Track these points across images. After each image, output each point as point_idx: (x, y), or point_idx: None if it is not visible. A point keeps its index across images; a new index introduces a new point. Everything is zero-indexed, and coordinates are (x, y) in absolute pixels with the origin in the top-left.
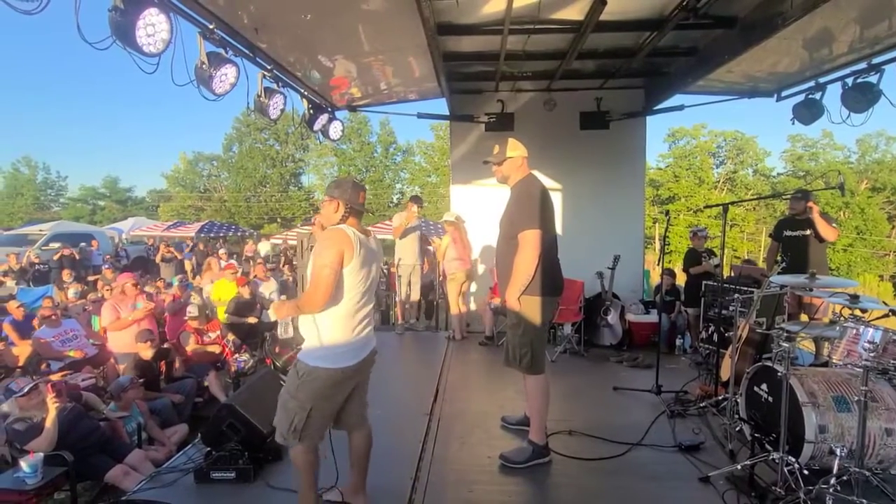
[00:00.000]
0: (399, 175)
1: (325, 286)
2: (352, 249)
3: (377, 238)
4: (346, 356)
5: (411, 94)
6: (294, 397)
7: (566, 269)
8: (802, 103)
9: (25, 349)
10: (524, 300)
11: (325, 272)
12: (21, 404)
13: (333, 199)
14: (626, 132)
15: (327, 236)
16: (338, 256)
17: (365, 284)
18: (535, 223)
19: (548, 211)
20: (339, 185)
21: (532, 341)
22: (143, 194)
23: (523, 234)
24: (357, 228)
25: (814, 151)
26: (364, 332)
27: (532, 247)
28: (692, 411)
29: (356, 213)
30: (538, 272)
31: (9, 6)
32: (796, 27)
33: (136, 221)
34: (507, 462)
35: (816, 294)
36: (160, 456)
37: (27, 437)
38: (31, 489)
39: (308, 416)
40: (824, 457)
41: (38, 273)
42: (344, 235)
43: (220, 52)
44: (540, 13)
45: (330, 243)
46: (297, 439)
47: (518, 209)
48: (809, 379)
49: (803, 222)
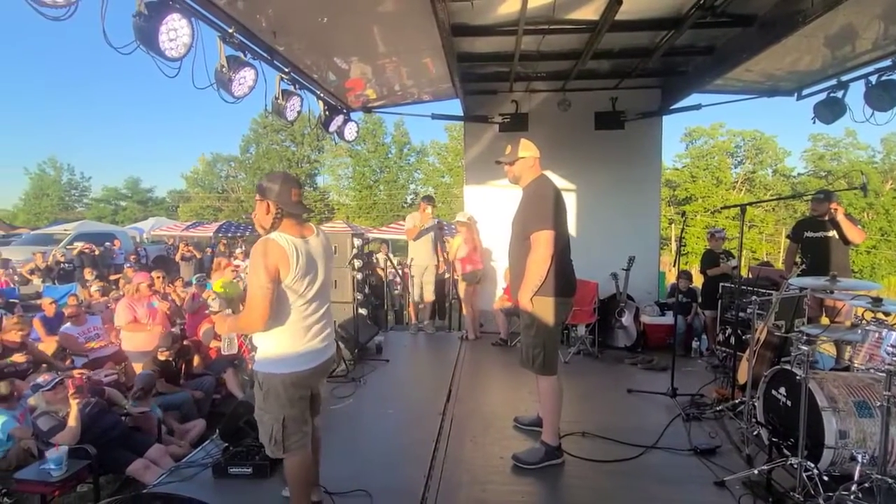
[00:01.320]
0: (413, 176)
1: (261, 310)
2: (287, 262)
3: (324, 234)
4: (300, 361)
5: (425, 95)
6: (266, 411)
7: (580, 270)
8: (824, 102)
9: (51, 345)
10: (537, 301)
11: (258, 295)
12: (47, 398)
13: (263, 200)
14: (641, 132)
15: (258, 251)
16: (271, 274)
17: (312, 291)
18: (548, 224)
19: (561, 212)
20: (269, 180)
21: (545, 342)
22: (163, 195)
23: (536, 234)
24: (293, 231)
25: (836, 151)
26: (319, 336)
27: (545, 247)
28: (708, 415)
29: (291, 215)
30: (551, 273)
31: (38, 13)
32: (818, 24)
33: (157, 221)
34: (520, 463)
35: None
36: (180, 450)
37: (52, 430)
38: (56, 481)
39: (284, 426)
40: (845, 463)
41: (63, 271)
42: (276, 248)
43: (239, 55)
44: (555, 13)
45: (259, 259)
46: (283, 450)
47: (531, 210)
48: (829, 383)
49: (825, 223)
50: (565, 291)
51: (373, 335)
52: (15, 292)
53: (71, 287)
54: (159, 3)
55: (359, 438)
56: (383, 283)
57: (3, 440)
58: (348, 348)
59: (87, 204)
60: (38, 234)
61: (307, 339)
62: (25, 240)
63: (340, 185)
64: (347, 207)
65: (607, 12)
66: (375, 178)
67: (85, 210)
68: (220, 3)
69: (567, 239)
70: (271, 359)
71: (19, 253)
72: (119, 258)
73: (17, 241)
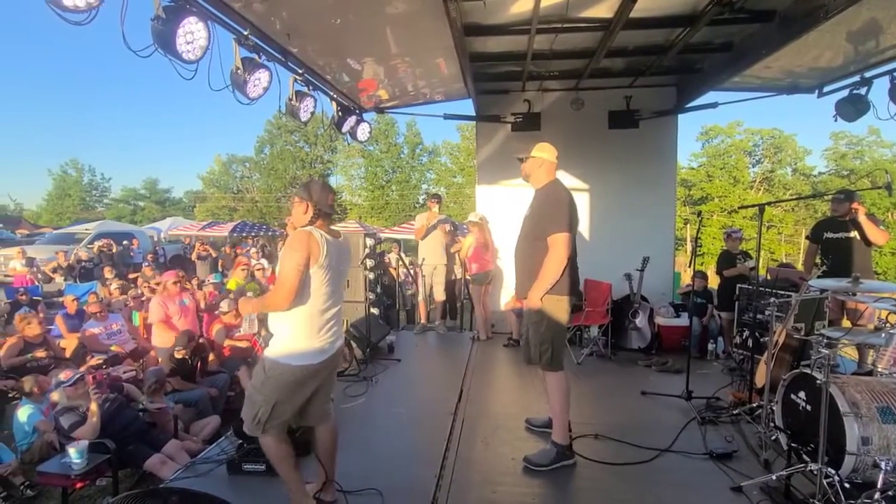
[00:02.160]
0: (425, 176)
1: (290, 286)
2: (318, 251)
3: (347, 240)
4: (310, 355)
5: (438, 95)
6: (259, 392)
7: (594, 270)
8: (846, 99)
9: (73, 342)
10: (548, 299)
11: (291, 273)
12: (68, 394)
13: (303, 201)
14: (656, 131)
15: (296, 238)
16: (304, 258)
17: (332, 285)
18: (565, 227)
19: (575, 217)
20: (308, 187)
21: (553, 338)
22: (180, 195)
23: (555, 236)
24: (325, 230)
25: (859, 149)
26: (330, 332)
27: (563, 249)
28: (724, 418)
29: (324, 216)
30: (565, 273)
31: (60, 18)
32: (840, 19)
33: (174, 221)
34: (531, 465)
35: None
36: (195, 446)
37: (74, 425)
38: (77, 474)
39: (272, 410)
40: (867, 470)
41: (83, 269)
42: (311, 237)
43: (254, 57)
44: (568, 12)
45: (298, 245)
46: (262, 431)
47: (549, 212)
48: (852, 388)
49: (847, 224)
50: (574, 291)
51: (384, 335)
52: (38, 290)
53: (91, 285)
54: (177, 6)
55: (370, 437)
56: (395, 283)
57: (29, 433)
58: (360, 347)
59: (108, 204)
60: (60, 234)
61: (321, 334)
62: (48, 239)
63: (353, 186)
64: (360, 207)
65: (622, 10)
66: (388, 179)
67: (105, 210)
68: (236, 6)
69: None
70: (285, 349)
71: (43, 252)
72: (137, 257)
73: (41, 240)
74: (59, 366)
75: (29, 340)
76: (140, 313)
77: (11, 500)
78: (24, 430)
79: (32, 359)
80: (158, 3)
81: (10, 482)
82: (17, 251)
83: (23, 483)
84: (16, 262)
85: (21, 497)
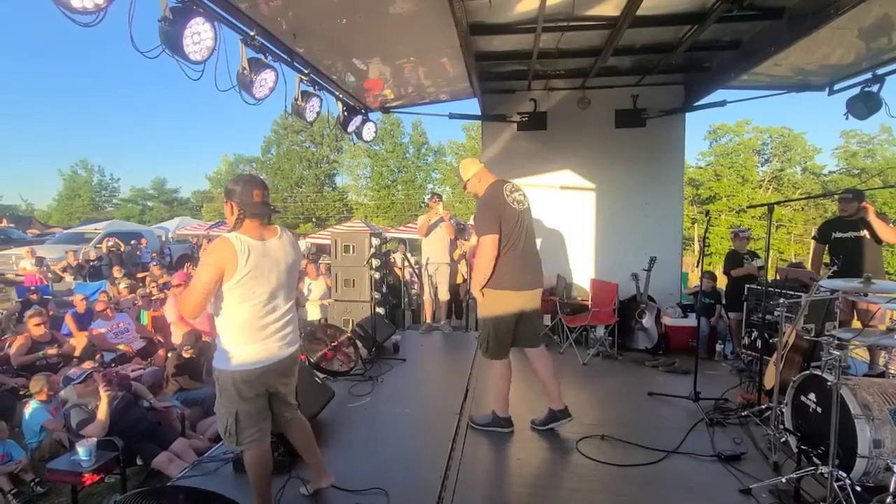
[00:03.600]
0: (431, 175)
1: (194, 302)
2: (234, 263)
3: (290, 236)
4: (249, 361)
5: (443, 94)
6: (221, 405)
7: (600, 270)
8: (858, 96)
9: (82, 340)
10: (488, 293)
11: (197, 288)
12: (78, 391)
13: (228, 201)
14: (663, 130)
15: (210, 248)
16: (213, 274)
17: (266, 292)
18: (491, 229)
19: (508, 216)
20: (234, 183)
21: (492, 330)
22: (187, 195)
23: (481, 239)
24: (253, 233)
25: (870, 148)
26: (273, 337)
27: (488, 250)
28: (733, 420)
29: (252, 216)
30: (501, 269)
31: (69, 19)
32: (851, 16)
33: (182, 221)
34: (473, 423)
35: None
36: (201, 444)
37: (83, 423)
38: (85, 471)
39: (236, 419)
40: (879, 473)
41: (92, 269)
42: (227, 248)
43: (260, 57)
44: (574, 10)
45: (210, 257)
46: (236, 443)
47: (478, 217)
48: (863, 390)
49: (856, 223)
50: (517, 285)
51: (390, 334)
52: (49, 289)
53: (101, 284)
54: (183, 7)
55: (376, 437)
56: (400, 283)
57: (37, 431)
58: (366, 347)
59: (116, 204)
60: (70, 234)
61: (260, 339)
62: (58, 238)
63: (359, 185)
64: (366, 207)
65: (629, 8)
66: (393, 178)
67: (114, 210)
68: (243, 6)
69: (520, 237)
70: (223, 355)
71: (53, 251)
72: (146, 256)
73: (51, 239)
74: (68, 364)
75: (36, 339)
76: (148, 312)
77: (22, 496)
78: (32, 430)
79: (44, 356)
80: (165, 4)
81: (20, 479)
82: (27, 251)
83: (33, 480)
84: (26, 261)
85: (31, 494)
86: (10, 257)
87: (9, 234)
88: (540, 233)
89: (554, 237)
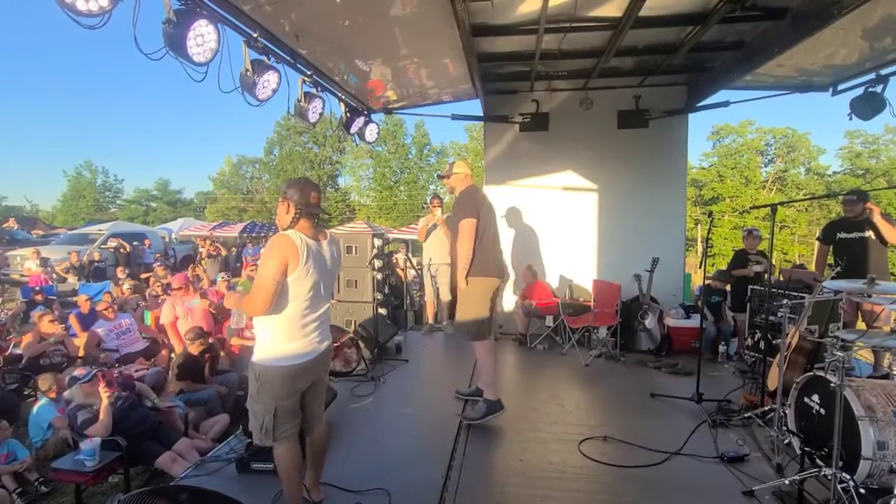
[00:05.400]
0: (433, 176)
1: (265, 296)
2: (297, 258)
3: (337, 243)
4: (292, 357)
5: (446, 95)
6: (257, 401)
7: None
8: (861, 97)
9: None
10: (471, 280)
11: (266, 281)
12: (84, 390)
13: (285, 201)
14: (666, 130)
15: (272, 244)
16: (280, 266)
17: (313, 290)
18: (471, 214)
19: (485, 210)
20: (291, 185)
21: (478, 314)
22: (191, 196)
23: (461, 222)
24: (308, 233)
25: (875, 148)
26: (313, 334)
27: (468, 230)
28: (736, 421)
29: (308, 216)
30: (479, 257)
31: (74, 22)
32: (854, 16)
33: (185, 222)
34: (467, 420)
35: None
36: (204, 445)
37: (86, 423)
38: (89, 471)
39: (275, 415)
40: (883, 475)
41: (96, 269)
42: (289, 243)
43: (263, 59)
44: (576, 11)
45: (273, 251)
46: (272, 439)
47: (458, 208)
48: (867, 391)
49: (861, 223)
50: (492, 272)
51: (392, 335)
52: (53, 289)
53: (105, 285)
54: (187, 9)
55: (378, 437)
56: (403, 284)
57: (44, 429)
58: (368, 347)
59: (120, 205)
60: (74, 234)
61: (302, 335)
62: (63, 239)
63: (361, 186)
64: (368, 208)
65: (631, 8)
66: (396, 179)
67: (118, 211)
68: (246, 8)
69: (493, 231)
70: (268, 352)
71: (57, 252)
72: (149, 257)
73: (56, 240)
74: (72, 364)
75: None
76: (152, 312)
77: (26, 495)
78: (39, 427)
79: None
80: (169, 6)
81: (25, 478)
82: (32, 251)
83: (37, 479)
84: (31, 262)
85: (35, 493)
86: (16, 258)
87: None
88: (541, 233)
89: (556, 238)
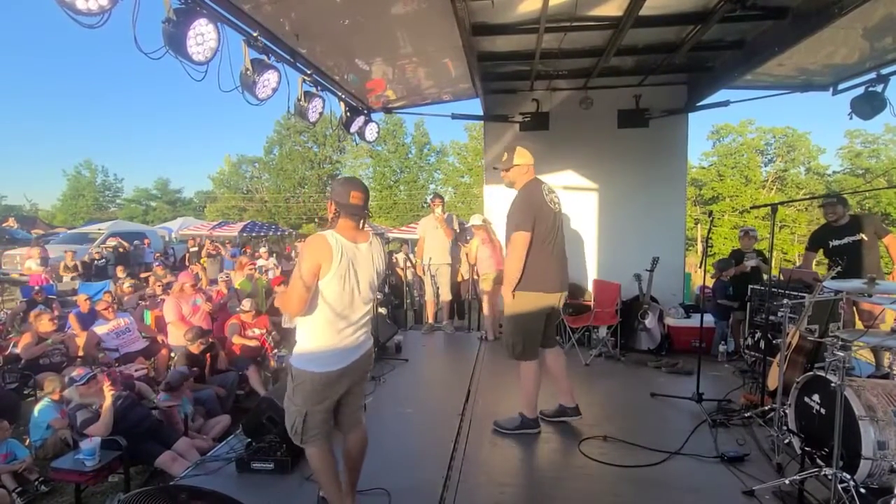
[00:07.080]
0: (433, 176)
1: (297, 296)
2: (330, 260)
3: (380, 245)
4: (331, 360)
5: (445, 95)
6: (292, 402)
7: (603, 270)
8: (862, 96)
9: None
10: (518, 294)
11: (298, 284)
12: (81, 392)
13: (329, 200)
14: (666, 130)
15: (306, 244)
16: (312, 267)
17: (349, 293)
18: (525, 226)
19: (543, 215)
20: (336, 182)
21: (524, 331)
22: (191, 195)
23: (514, 235)
24: (348, 234)
25: (875, 148)
26: (352, 336)
27: (520, 247)
28: (736, 421)
29: (349, 215)
30: (531, 270)
31: (74, 21)
32: (855, 15)
33: (185, 221)
34: (499, 427)
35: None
36: (204, 444)
37: (86, 422)
38: (89, 470)
39: (305, 419)
40: (884, 475)
41: (96, 269)
42: (323, 244)
43: (263, 58)
44: (577, 10)
45: (307, 252)
46: (301, 441)
47: (513, 213)
48: (867, 391)
49: (850, 227)
50: (546, 287)
51: (392, 334)
52: (53, 289)
53: (105, 284)
54: (187, 8)
55: (378, 437)
56: (403, 283)
57: (44, 428)
58: None
59: (120, 204)
60: (73, 234)
61: (339, 339)
62: (63, 238)
63: None
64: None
65: (631, 8)
66: (395, 179)
67: (117, 210)
68: (246, 7)
69: (553, 239)
70: (306, 356)
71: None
72: (149, 256)
73: (55, 239)
74: (71, 364)
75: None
76: (152, 312)
77: (26, 495)
78: (39, 427)
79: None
80: (169, 5)
81: (25, 478)
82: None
83: (37, 479)
84: (31, 261)
85: (35, 492)
86: (15, 257)
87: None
88: None
89: None
